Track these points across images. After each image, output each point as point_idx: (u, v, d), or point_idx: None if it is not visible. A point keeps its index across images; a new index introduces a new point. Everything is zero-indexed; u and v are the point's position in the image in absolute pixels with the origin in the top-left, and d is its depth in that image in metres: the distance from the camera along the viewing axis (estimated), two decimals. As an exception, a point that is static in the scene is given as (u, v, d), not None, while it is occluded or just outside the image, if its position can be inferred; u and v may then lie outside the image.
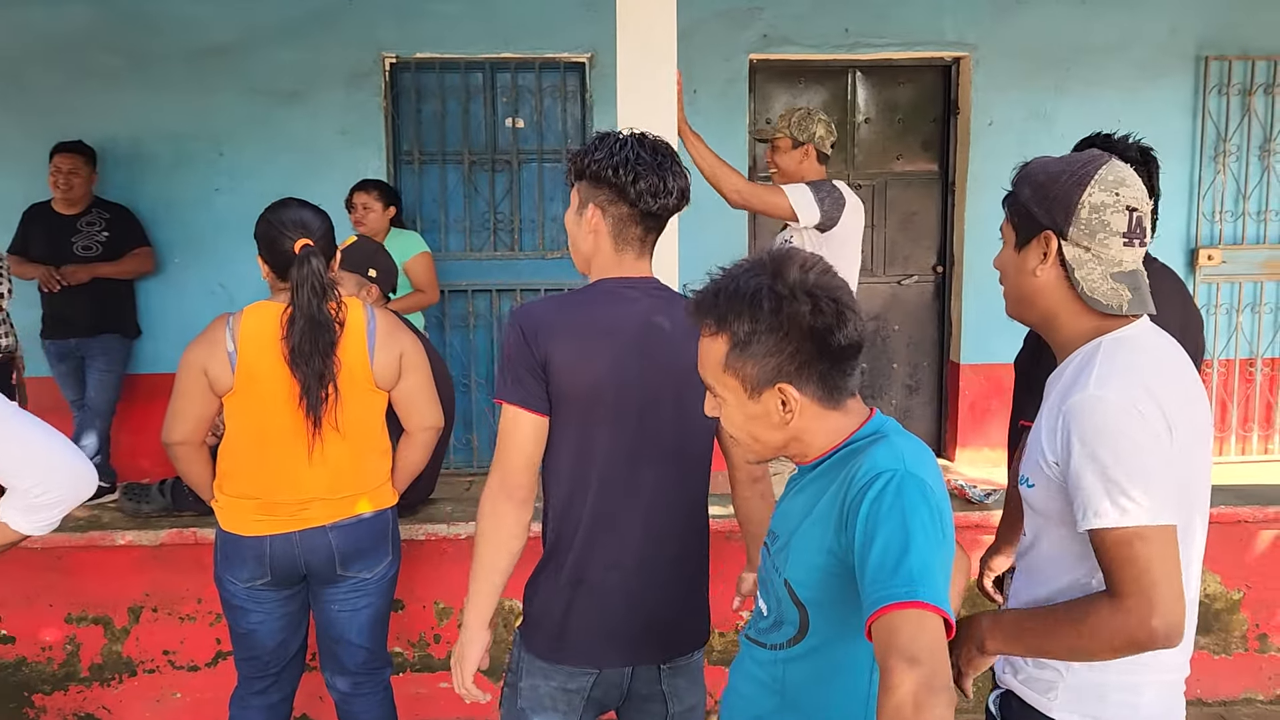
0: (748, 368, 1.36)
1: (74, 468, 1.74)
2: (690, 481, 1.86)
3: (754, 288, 1.34)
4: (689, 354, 1.73)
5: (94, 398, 4.73)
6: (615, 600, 1.81)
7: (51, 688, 3.13)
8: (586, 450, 1.78)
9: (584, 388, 1.76)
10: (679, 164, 1.80)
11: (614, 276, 1.82)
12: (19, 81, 5.05)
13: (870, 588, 1.21)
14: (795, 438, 1.41)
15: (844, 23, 5.30)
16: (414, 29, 5.16)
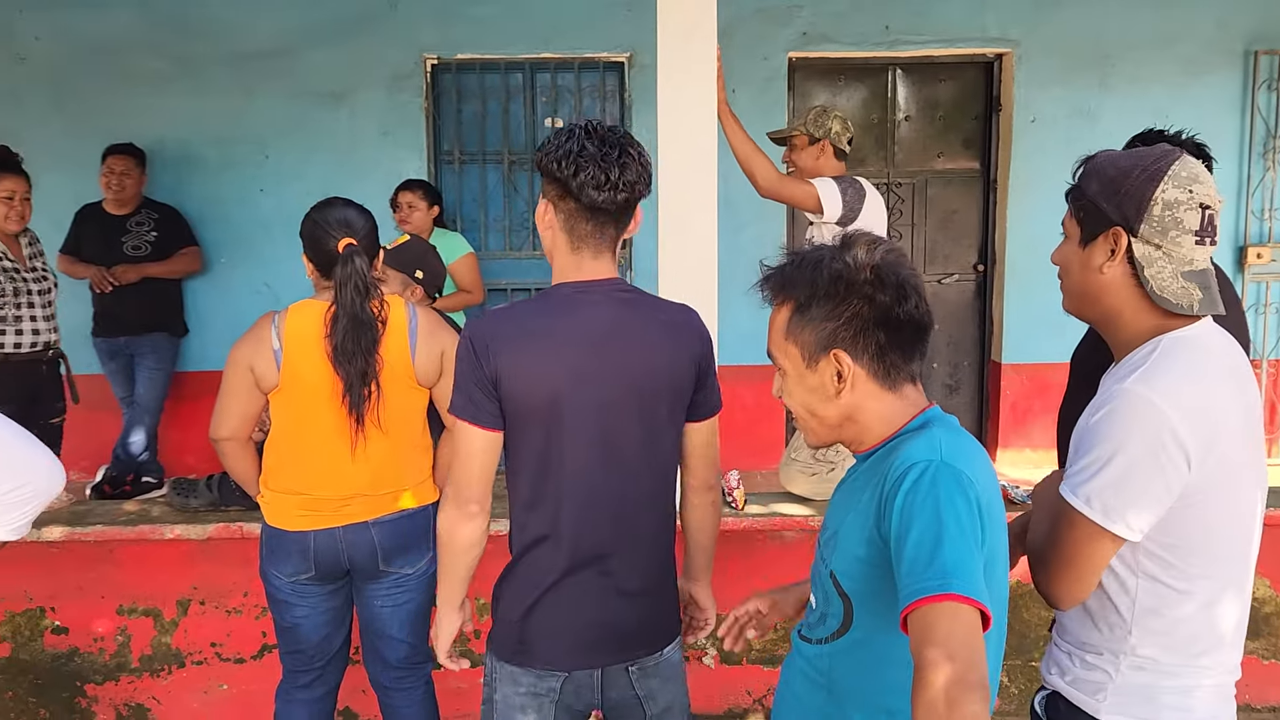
0: (806, 333, 1.39)
1: (46, 464, 1.73)
2: (654, 486, 1.84)
3: (818, 256, 1.40)
4: (654, 357, 1.77)
5: (143, 395, 4.82)
6: (578, 603, 1.80)
7: (103, 678, 3.20)
8: (545, 460, 1.77)
9: (538, 400, 1.73)
10: (632, 155, 1.72)
11: (571, 280, 1.78)
12: (70, 86, 5.16)
13: (905, 580, 1.21)
14: (850, 416, 1.42)
15: (884, 20, 5.27)
16: (455, 30, 5.21)
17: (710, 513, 1.98)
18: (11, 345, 3.74)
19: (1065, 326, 2.03)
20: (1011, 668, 3.26)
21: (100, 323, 4.84)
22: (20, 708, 3.22)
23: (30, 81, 5.16)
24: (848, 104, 5.49)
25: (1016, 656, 3.23)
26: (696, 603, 2.06)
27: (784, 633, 3.27)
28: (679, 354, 1.80)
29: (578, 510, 1.78)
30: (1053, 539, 1.47)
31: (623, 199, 1.72)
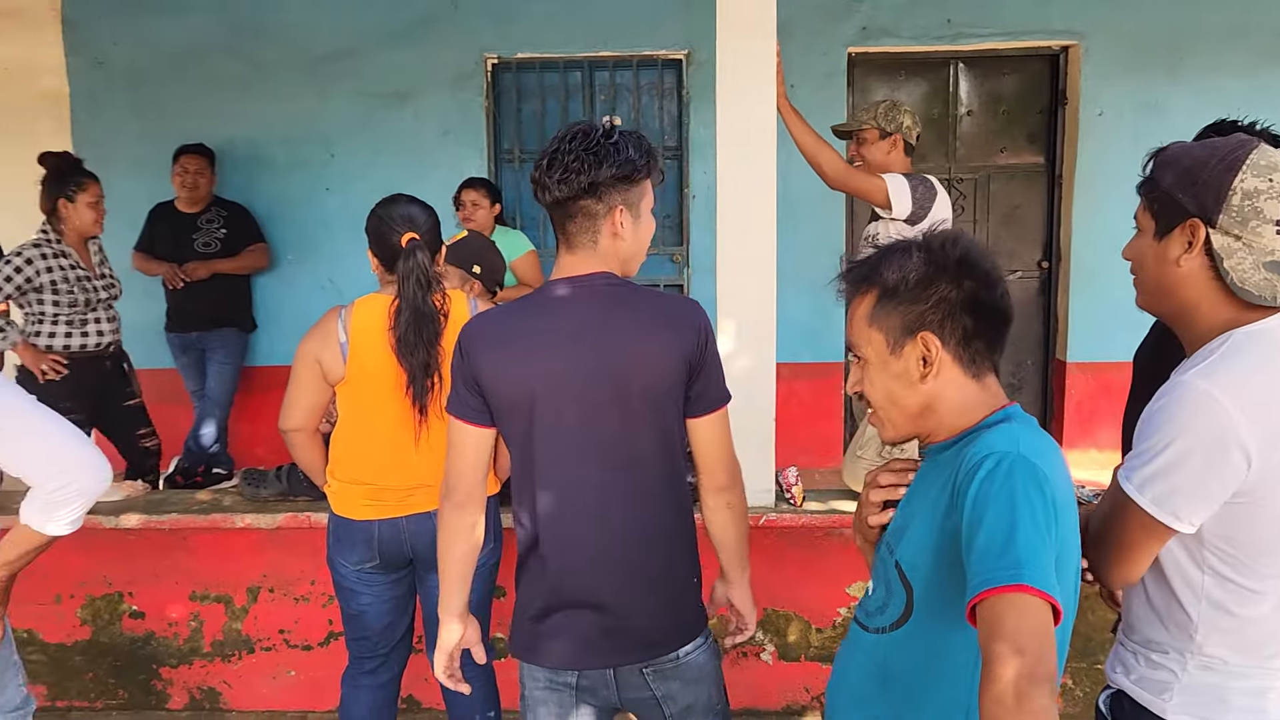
0: (893, 317, 1.40)
1: (91, 461, 1.76)
2: (645, 481, 1.80)
3: (904, 244, 1.42)
4: (637, 351, 1.75)
5: (213, 389, 4.96)
6: (575, 603, 1.80)
7: (177, 662, 3.30)
8: (529, 457, 1.79)
9: (515, 398, 1.76)
10: (565, 151, 1.71)
11: (558, 277, 1.81)
12: (147, 89, 5.32)
13: (975, 570, 1.20)
14: (930, 405, 1.42)
15: (945, 13, 5.22)
16: (515, 30, 5.27)
17: (728, 514, 1.89)
18: (77, 346, 3.87)
19: (1133, 324, 2.00)
20: (1076, 670, 3.22)
21: (173, 318, 4.99)
22: (100, 688, 3.34)
23: (108, 85, 5.33)
24: (908, 99, 5.44)
25: (1082, 659, 3.19)
26: (734, 607, 2.00)
27: (843, 630, 3.26)
28: (667, 348, 1.75)
29: (560, 509, 1.78)
30: (1108, 521, 1.46)
31: (550, 199, 1.74)
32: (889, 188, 3.30)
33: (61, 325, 3.82)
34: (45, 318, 3.80)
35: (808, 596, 3.22)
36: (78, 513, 1.75)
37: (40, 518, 1.73)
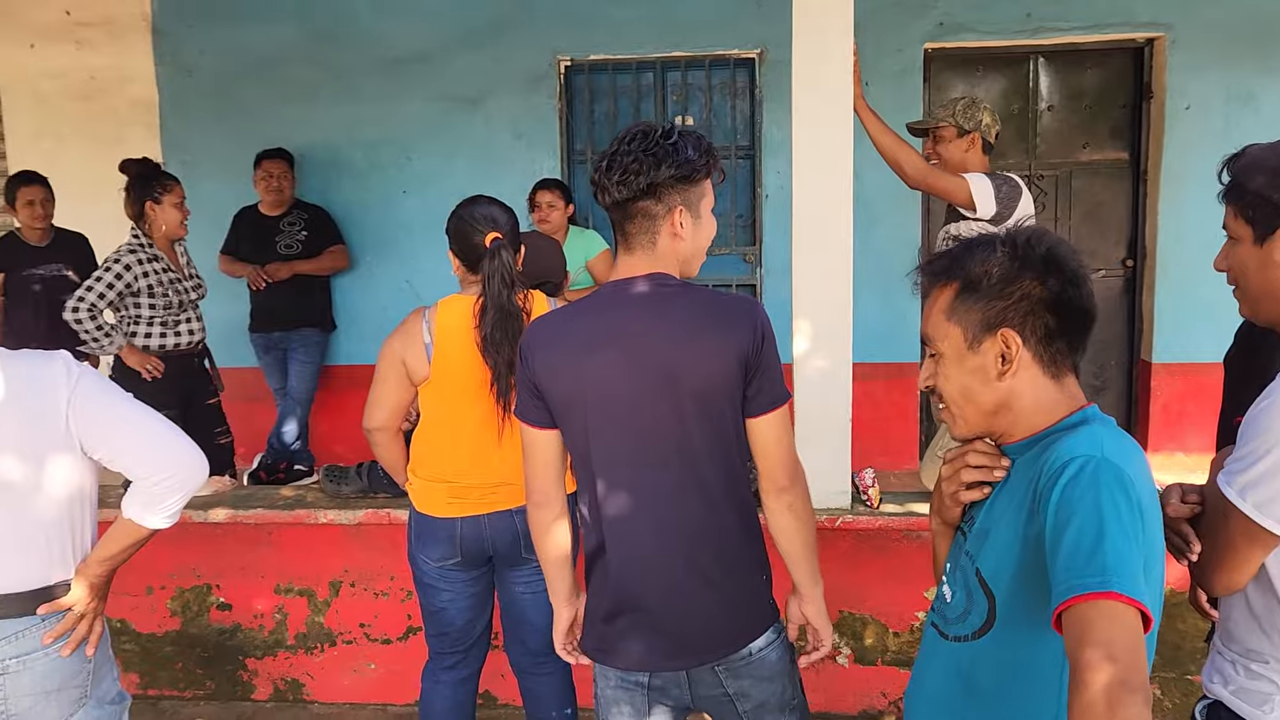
0: (973, 312, 1.38)
1: (187, 453, 1.80)
2: (702, 481, 1.78)
3: (989, 238, 1.40)
4: (689, 350, 1.73)
5: (295, 387, 5.09)
6: (640, 604, 1.80)
7: (262, 653, 3.39)
8: (585, 458, 1.81)
9: (568, 399, 1.78)
10: (624, 153, 1.72)
11: (615, 278, 1.81)
12: (232, 96, 5.47)
13: (1061, 577, 1.18)
14: (1006, 403, 1.39)
15: (1025, 7, 5.11)
16: (588, 32, 5.30)
17: (790, 519, 1.83)
18: (171, 345, 4.00)
19: (1222, 324, 1.95)
20: (1166, 680, 3.13)
21: (256, 318, 5.12)
22: (189, 678, 3.44)
23: (196, 93, 5.49)
24: (986, 95, 5.34)
25: (1171, 669, 3.10)
26: (809, 623, 1.93)
27: (918, 635, 3.22)
28: (722, 347, 1.72)
29: (617, 510, 1.79)
30: (1210, 526, 1.42)
31: (610, 201, 1.75)
32: (972, 187, 3.24)
33: (156, 326, 3.96)
34: (141, 319, 3.93)
35: (885, 599, 3.18)
36: (177, 505, 1.80)
37: (142, 510, 1.78)
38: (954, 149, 3.45)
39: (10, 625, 1.71)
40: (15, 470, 1.68)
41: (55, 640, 1.75)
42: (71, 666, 1.78)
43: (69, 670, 1.78)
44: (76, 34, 5.51)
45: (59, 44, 5.51)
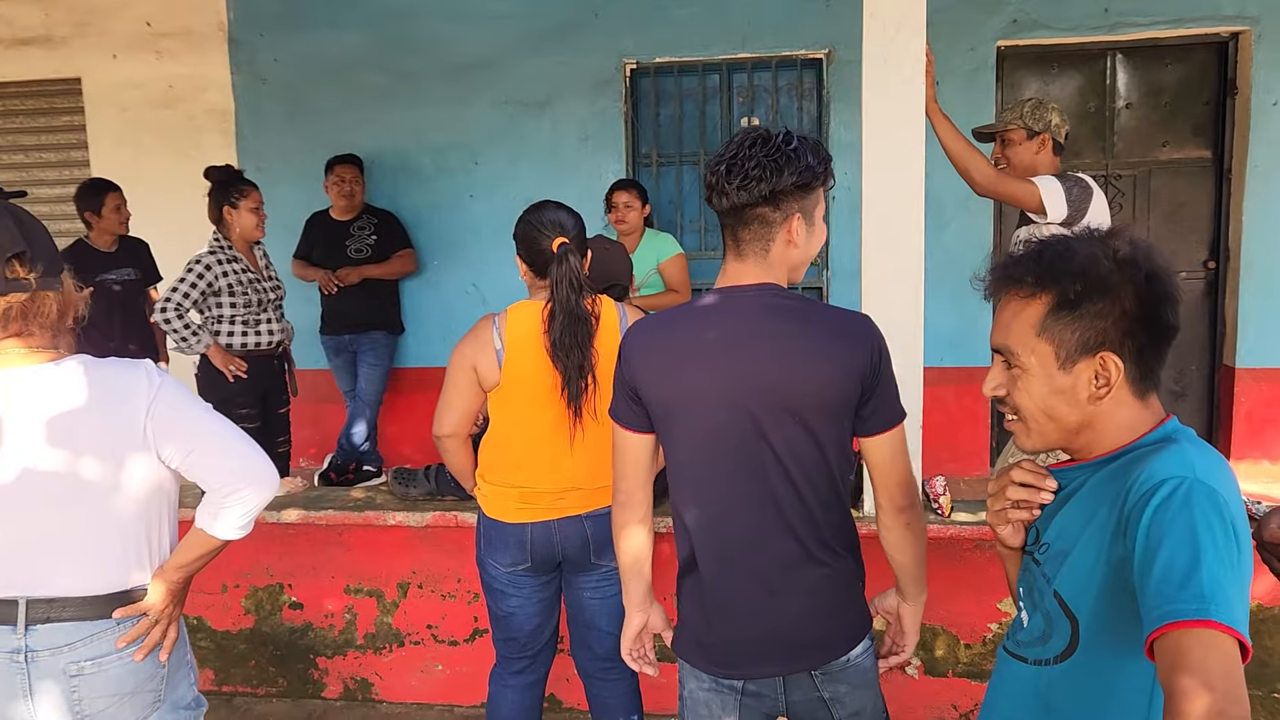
0: (1069, 332, 1.31)
1: (259, 467, 1.81)
2: (802, 492, 1.74)
3: (1089, 249, 1.31)
4: (805, 364, 1.70)
5: (364, 389, 5.16)
6: (737, 611, 1.79)
7: (332, 652, 3.44)
8: (684, 464, 1.79)
9: (670, 406, 1.77)
10: (745, 157, 1.67)
11: (724, 285, 1.78)
12: (304, 103, 5.58)
13: (1153, 602, 1.13)
14: (1090, 423, 1.34)
15: (1103, 3, 4.98)
16: (654, 35, 5.29)
17: (906, 534, 1.82)
18: (252, 344, 4.11)
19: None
20: (1253, 698, 3.00)
21: (327, 321, 5.21)
22: (261, 675, 3.51)
23: (270, 100, 5.61)
24: (1061, 92, 5.22)
25: (1258, 686, 2.99)
26: (900, 623, 1.94)
27: (990, 646, 3.15)
28: (839, 365, 1.70)
29: (715, 518, 1.78)
30: None
31: (727, 205, 1.71)
32: (1042, 191, 3.16)
33: (238, 325, 4.07)
34: (223, 319, 4.06)
35: (956, 611, 3.11)
36: (248, 518, 1.82)
37: (212, 521, 1.81)
38: (1024, 151, 3.37)
39: (86, 627, 1.74)
40: (94, 474, 1.71)
41: (130, 644, 1.78)
42: (145, 671, 1.81)
43: (143, 674, 1.80)
44: (157, 44, 5.67)
45: (140, 54, 5.67)
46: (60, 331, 1.79)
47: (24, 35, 5.75)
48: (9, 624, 1.71)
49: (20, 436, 1.68)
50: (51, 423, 1.69)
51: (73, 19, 5.70)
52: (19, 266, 1.69)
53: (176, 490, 1.86)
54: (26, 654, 1.71)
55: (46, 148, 5.96)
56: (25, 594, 1.71)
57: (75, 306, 1.80)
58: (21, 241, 1.68)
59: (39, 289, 1.70)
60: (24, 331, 1.72)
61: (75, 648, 1.73)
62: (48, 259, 1.72)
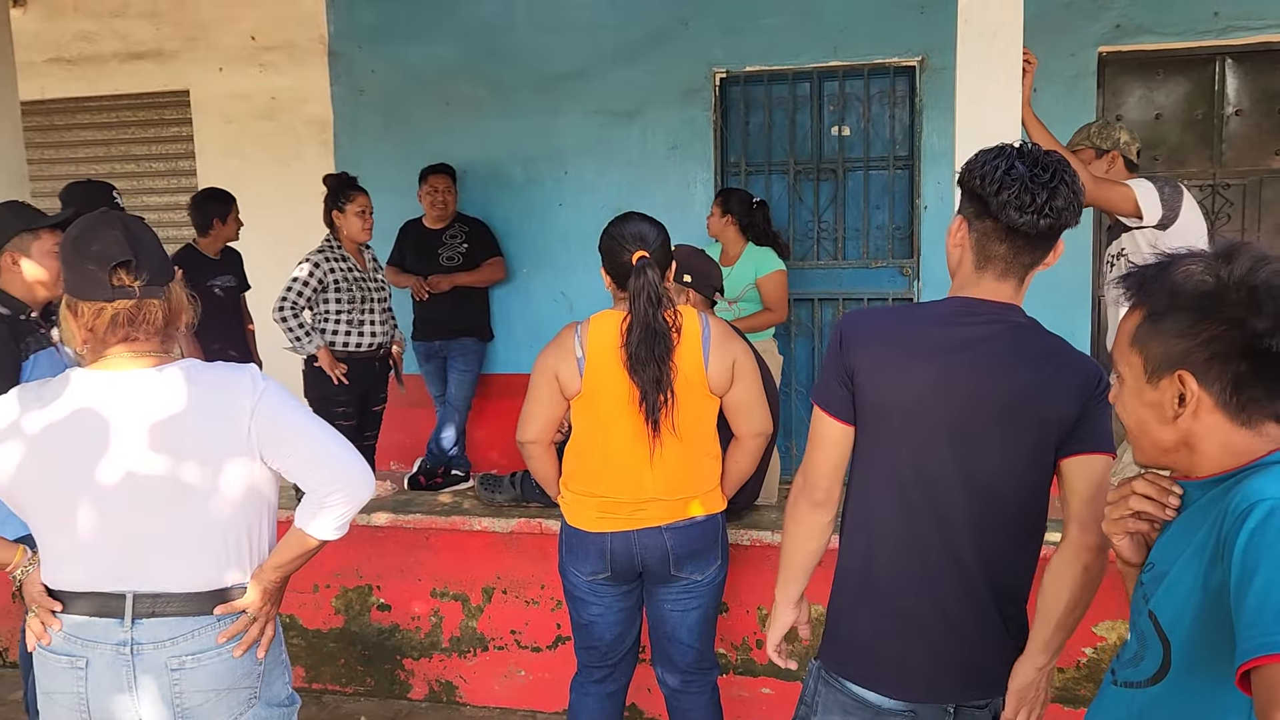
0: (1154, 345, 1.28)
1: (357, 470, 1.84)
2: (1005, 515, 1.69)
3: (1187, 265, 1.27)
4: (1023, 388, 1.65)
5: (454, 394, 5.24)
6: (915, 631, 1.71)
7: (418, 654, 3.50)
8: (885, 469, 1.73)
9: (886, 405, 1.70)
10: (1064, 181, 1.64)
11: (964, 295, 1.72)
12: (399, 113, 5.71)
13: (1247, 633, 1.07)
14: (1185, 442, 1.29)
15: (1213, 5, 4.79)
16: (744, 43, 5.27)
17: (1078, 576, 1.68)
18: (354, 345, 4.23)
19: None
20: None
21: (419, 327, 5.31)
22: (350, 674, 3.59)
23: (367, 111, 5.75)
24: (1167, 100, 5.04)
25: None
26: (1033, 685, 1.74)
27: (1086, 671, 3.04)
28: (1063, 385, 1.65)
29: (903, 529, 1.72)
30: None
31: (1045, 224, 1.64)
32: (1136, 193, 3.12)
33: (343, 324, 4.21)
34: (329, 316, 4.21)
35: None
36: (344, 519, 1.86)
37: (310, 521, 1.85)
38: (1095, 171, 3.32)
39: (188, 623, 1.80)
40: (197, 475, 1.77)
41: (229, 640, 1.83)
42: (243, 667, 1.86)
43: (240, 670, 1.85)
44: (260, 58, 5.86)
45: (245, 67, 5.87)
46: (169, 337, 1.86)
47: (137, 49, 6.00)
48: (116, 617, 1.77)
49: (127, 438, 1.75)
50: (157, 425, 1.76)
51: (182, 34, 5.93)
52: (124, 275, 1.75)
53: (276, 491, 1.91)
54: (132, 646, 1.77)
55: (156, 157, 6.21)
56: (132, 589, 1.78)
57: (184, 313, 1.87)
58: (128, 250, 1.75)
59: (143, 297, 1.77)
60: (130, 337, 1.79)
61: (177, 642, 1.79)
62: (154, 268, 1.79)
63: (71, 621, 1.79)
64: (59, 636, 1.80)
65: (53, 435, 1.76)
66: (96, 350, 1.81)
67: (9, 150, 3.66)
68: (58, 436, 1.76)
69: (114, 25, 5.99)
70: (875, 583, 1.75)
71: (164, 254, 1.85)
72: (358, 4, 5.68)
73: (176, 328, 1.86)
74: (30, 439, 1.76)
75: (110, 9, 5.99)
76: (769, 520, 3.23)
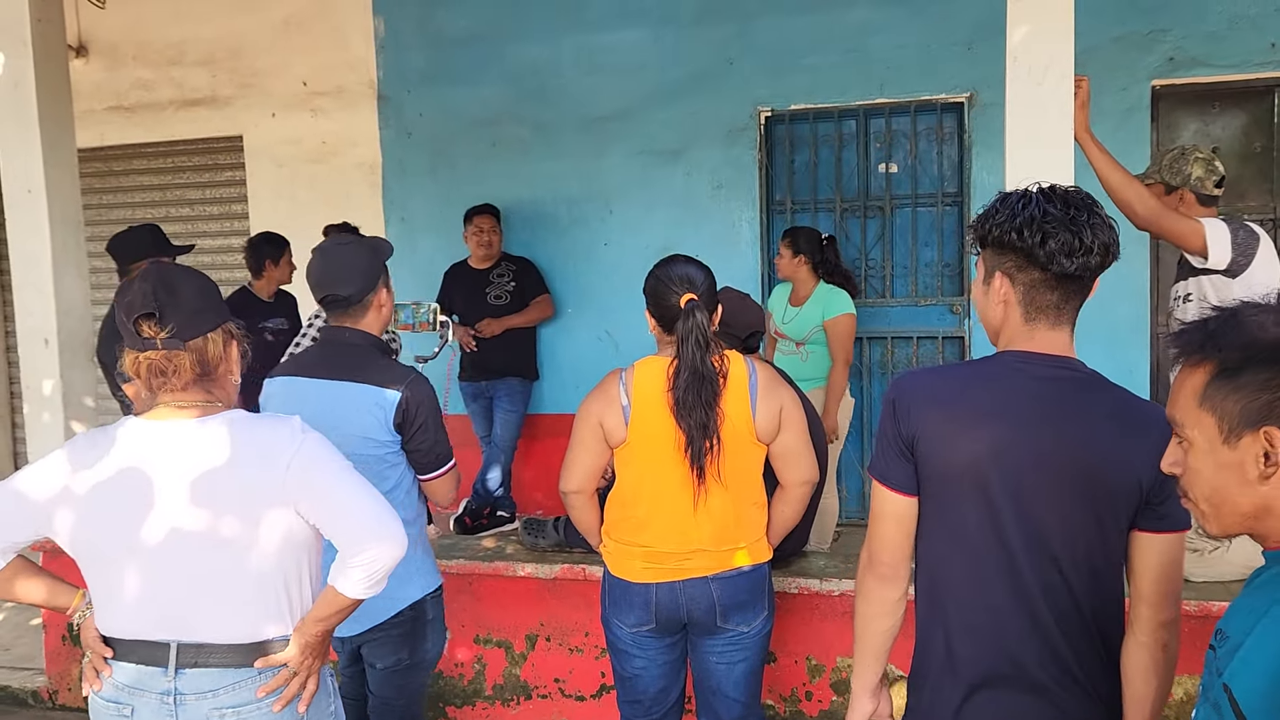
0: (1230, 402, 1.20)
1: (388, 531, 1.80)
2: (1078, 589, 1.60)
3: (1260, 314, 1.20)
4: (1098, 447, 1.56)
5: (499, 435, 5.24)
6: (1005, 704, 1.63)
7: (461, 702, 3.47)
8: (953, 537, 1.65)
9: (953, 470, 1.62)
10: (1099, 215, 1.59)
11: (1018, 350, 1.65)
12: (445, 155, 5.77)
13: None
14: (1268, 506, 1.21)
15: (1269, 36, 4.68)
16: (789, 82, 5.26)
17: (1160, 658, 1.60)
18: None
19: None
20: None
21: (465, 368, 5.32)
22: (393, 720, 3.56)
23: (414, 153, 5.82)
24: (1223, 133, 4.93)
25: None
26: None
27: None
28: (1134, 449, 1.55)
29: (985, 602, 1.64)
30: None
31: (1096, 263, 1.59)
32: (1207, 233, 2.97)
33: None
34: None
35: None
36: (376, 577, 1.83)
37: (341, 579, 1.83)
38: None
39: (230, 675, 1.79)
40: (236, 526, 1.77)
41: (269, 694, 1.82)
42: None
43: None
44: (312, 103, 5.97)
45: (296, 112, 5.99)
46: (213, 386, 1.86)
47: (193, 97, 6.15)
48: (160, 666, 1.78)
49: (169, 489, 1.76)
50: (197, 478, 1.76)
51: (236, 80, 6.07)
52: (148, 326, 1.77)
53: (319, 543, 1.90)
54: (175, 696, 1.78)
55: (210, 201, 6.34)
56: (177, 638, 1.78)
57: (222, 363, 1.87)
58: (151, 304, 1.76)
59: (164, 348, 1.78)
60: (166, 387, 1.80)
61: (219, 694, 1.79)
62: (183, 320, 1.79)
63: (120, 669, 1.81)
64: (109, 684, 1.82)
65: (101, 485, 1.78)
66: (148, 400, 1.84)
67: (66, 198, 3.75)
68: (106, 486, 1.78)
69: (171, 74, 6.15)
70: (953, 654, 1.67)
71: (200, 305, 1.83)
72: (407, 49, 5.77)
73: (217, 378, 1.86)
74: (82, 489, 1.78)
75: (168, 58, 6.15)
76: (817, 567, 3.16)
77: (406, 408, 2.41)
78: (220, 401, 1.87)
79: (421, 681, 2.65)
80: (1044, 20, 2.78)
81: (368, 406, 2.40)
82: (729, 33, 5.30)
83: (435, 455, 2.51)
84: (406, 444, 2.47)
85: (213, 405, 1.85)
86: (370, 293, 2.51)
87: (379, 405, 2.39)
